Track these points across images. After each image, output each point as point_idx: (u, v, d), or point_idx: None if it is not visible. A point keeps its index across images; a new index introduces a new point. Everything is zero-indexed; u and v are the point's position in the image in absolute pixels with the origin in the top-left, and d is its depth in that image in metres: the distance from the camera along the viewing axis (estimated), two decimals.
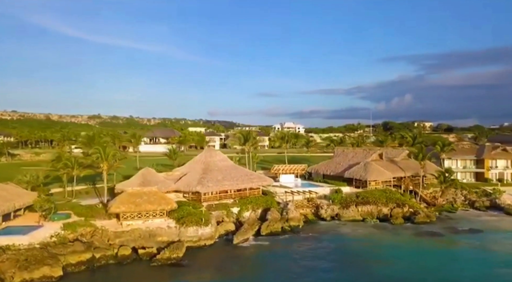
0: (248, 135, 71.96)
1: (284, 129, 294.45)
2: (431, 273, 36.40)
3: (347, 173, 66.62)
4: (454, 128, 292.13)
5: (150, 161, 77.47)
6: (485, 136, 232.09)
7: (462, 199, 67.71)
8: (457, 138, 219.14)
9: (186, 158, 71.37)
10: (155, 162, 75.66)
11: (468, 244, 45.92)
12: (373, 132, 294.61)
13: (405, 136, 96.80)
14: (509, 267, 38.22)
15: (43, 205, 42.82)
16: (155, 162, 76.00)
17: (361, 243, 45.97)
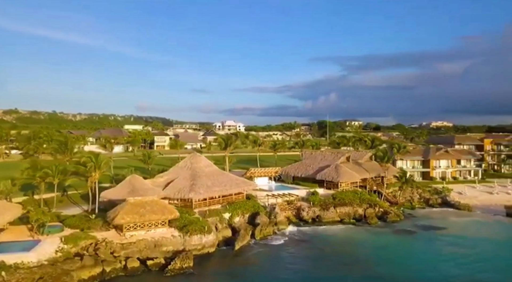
0: (229, 140, 72.80)
1: (225, 127, 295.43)
2: (425, 270, 40.84)
3: (319, 175, 70.43)
4: (381, 126, 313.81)
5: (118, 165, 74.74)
6: (407, 134, 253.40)
7: (418, 197, 75.10)
8: (388, 137, 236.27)
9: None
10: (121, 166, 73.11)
11: (441, 240, 51.48)
12: (309, 131, 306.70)
13: (363, 139, 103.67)
14: (489, 260, 43.90)
15: (40, 218, 40.50)
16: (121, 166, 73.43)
17: (353, 245, 49.33)
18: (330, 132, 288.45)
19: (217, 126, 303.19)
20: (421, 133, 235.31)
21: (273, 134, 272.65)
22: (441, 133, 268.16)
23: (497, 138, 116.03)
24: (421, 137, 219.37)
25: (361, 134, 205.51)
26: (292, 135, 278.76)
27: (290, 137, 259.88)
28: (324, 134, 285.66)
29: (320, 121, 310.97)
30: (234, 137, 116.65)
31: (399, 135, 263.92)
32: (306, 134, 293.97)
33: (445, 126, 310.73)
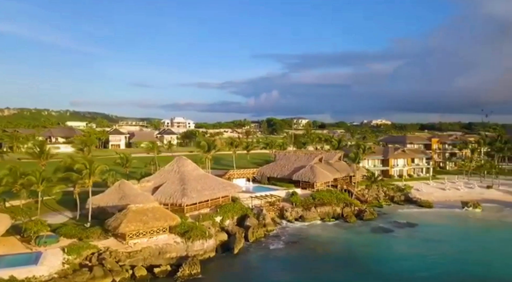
0: (212, 144, 72.73)
1: (174, 124, 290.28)
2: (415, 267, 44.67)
3: (296, 176, 73.00)
4: (327, 124, 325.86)
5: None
6: (353, 132, 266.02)
7: (383, 195, 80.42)
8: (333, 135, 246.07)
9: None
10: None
11: (417, 237, 55.82)
12: (259, 128, 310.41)
13: (329, 140, 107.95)
14: (465, 253, 48.66)
15: (40, 229, 38.69)
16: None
17: (341, 244, 51.91)
18: (279, 130, 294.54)
19: (166, 123, 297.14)
20: (365, 131, 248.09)
21: (224, 131, 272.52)
22: (381, 130, 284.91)
23: (442, 138, 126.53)
24: (367, 135, 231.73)
25: (315, 133, 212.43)
26: (242, 133, 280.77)
27: (245, 135, 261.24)
28: (274, 131, 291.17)
29: (269, 119, 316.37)
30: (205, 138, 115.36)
31: (344, 133, 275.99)
32: (256, 131, 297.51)
33: (384, 124, 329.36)
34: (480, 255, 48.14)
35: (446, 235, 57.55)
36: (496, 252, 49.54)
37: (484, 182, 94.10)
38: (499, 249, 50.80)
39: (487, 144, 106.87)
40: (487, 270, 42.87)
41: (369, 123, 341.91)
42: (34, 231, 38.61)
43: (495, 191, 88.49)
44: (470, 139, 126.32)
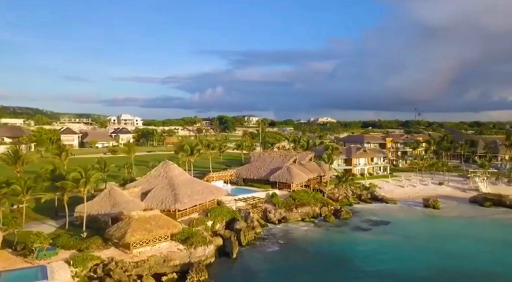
0: (195, 147, 71.85)
1: (121, 121, 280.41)
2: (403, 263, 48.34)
3: (273, 177, 74.84)
4: (276, 122, 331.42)
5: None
6: (301, 129, 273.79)
7: (351, 194, 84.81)
8: (283, 132, 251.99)
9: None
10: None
11: (394, 234, 59.84)
12: (210, 126, 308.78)
13: (297, 140, 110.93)
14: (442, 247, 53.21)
15: (43, 243, 37.02)
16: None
17: (330, 244, 54.45)
18: (231, 127, 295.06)
19: (112, 120, 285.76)
20: (315, 129, 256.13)
21: (175, 128, 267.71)
22: (327, 128, 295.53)
23: (395, 137, 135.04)
24: (316, 133, 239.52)
25: (269, 131, 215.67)
26: (193, 130, 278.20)
27: (197, 133, 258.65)
28: (226, 129, 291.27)
29: (220, 116, 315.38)
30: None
31: (294, 131, 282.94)
32: (208, 129, 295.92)
33: (330, 122, 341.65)
34: (454, 248, 53.16)
35: (419, 231, 62.73)
36: (467, 246, 54.91)
37: (436, 179, 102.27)
38: (469, 243, 56.22)
39: (436, 144, 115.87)
40: (465, 262, 47.59)
41: (315, 121, 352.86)
42: (37, 245, 36.80)
43: (446, 187, 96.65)
44: (418, 139, 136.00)
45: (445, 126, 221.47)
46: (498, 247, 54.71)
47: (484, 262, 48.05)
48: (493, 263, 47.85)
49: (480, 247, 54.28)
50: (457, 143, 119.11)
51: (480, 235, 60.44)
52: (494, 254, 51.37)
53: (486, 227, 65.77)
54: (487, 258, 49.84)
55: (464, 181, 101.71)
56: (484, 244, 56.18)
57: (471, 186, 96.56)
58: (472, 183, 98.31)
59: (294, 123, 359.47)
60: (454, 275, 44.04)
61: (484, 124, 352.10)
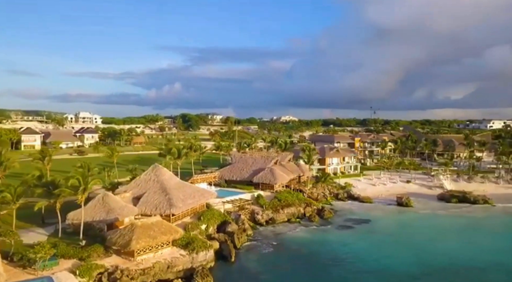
0: (181, 150, 70.78)
1: (79, 119, 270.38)
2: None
3: (256, 178, 75.77)
4: (241, 120, 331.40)
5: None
6: (265, 128, 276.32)
7: (328, 193, 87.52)
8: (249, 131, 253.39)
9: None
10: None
11: (377, 232, 62.67)
12: (173, 124, 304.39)
13: (277, 142, 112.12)
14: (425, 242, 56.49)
15: (47, 253, 35.85)
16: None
17: (320, 244, 55.99)
18: (194, 125, 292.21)
19: (70, 118, 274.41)
20: (280, 128, 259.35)
21: (136, 127, 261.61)
22: (290, 126, 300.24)
23: (363, 137, 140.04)
24: (281, 132, 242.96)
25: (236, 130, 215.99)
26: (156, 129, 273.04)
27: (159, 131, 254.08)
28: (189, 127, 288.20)
29: (183, 114, 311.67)
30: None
31: (258, 129, 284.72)
32: (171, 127, 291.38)
33: (292, 120, 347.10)
34: (435, 245, 56.64)
35: (398, 229, 66.03)
36: (446, 242, 58.72)
37: (403, 177, 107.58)
38: (447, 240, 60.08)
39: (402, 143, 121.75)
40: (447, 258, 50.86)
41: (278, 119, 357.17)
42: (40, 255, 35.57)
43: (413, 185, 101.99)
44: (384, 138, 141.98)
45: (404, 125, 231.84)
46: (474, 242, 58.85)
47: (463, 257, 51.58)
48: (471, 258, 51.45)
49: (458, 243, 58.23)
50: (421, 142, 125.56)
51: (455, 231, 64.90)
52: (471, 249, 55.30)
53: (458, 223, 70.34)
54: (465, 252, 53.54)
55: (428, 178, 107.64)
56: (460, 239, 60.29)
57: (436, 183, 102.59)
58: (437, 180, 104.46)
59: (257, 121, 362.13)
60: (442, 271, 46.81)
61: (434, 122, 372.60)
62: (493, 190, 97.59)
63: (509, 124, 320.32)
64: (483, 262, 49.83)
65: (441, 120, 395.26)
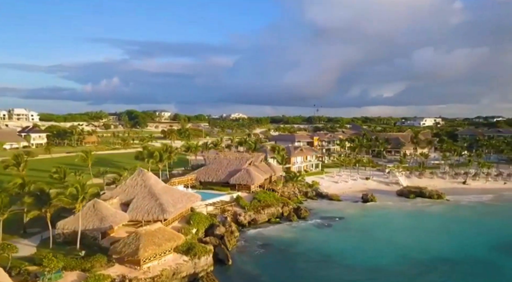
0: (163, 154, 68.78)
1: (13, 116, 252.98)
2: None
3: (233, 179, 76.38)
4: (190, 117, 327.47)
5: None
6: (216, 126, 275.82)
7: (298, 191, 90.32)
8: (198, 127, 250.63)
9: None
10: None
11: (353, 229, 66.28)
12: (118, 121, 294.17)
13: (245, 142, 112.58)
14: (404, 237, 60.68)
15: (56, 266, 34.41)
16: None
17: (307, 243, 58.13)
18: (142, 123, 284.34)
19: (2, 115, 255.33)
20: (233, 125, 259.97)
21: (79, 124, 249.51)
22: (241, 123, 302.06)
23: (321, 136, 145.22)
24: (234, 129, 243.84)
25: (191, 128, 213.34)
26: (100, 126, 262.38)
27: (104, 128, 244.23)
28: (136, 125, 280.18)
29: (129, 111, 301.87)
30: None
31: (207, 126, 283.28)
32: (116, 124, 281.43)
33: (242, 117, 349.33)
34: (408, 239, 61.40)
35: (371, 225, 69.70)
36: (417, 235, 63.66)
37: (361, 174, 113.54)
38: (417, 233, 65.01)
39: (359, 142, 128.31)
40: (422, 251, 55.32)
41: (228, 116, 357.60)
42: (49, 269, 34.04)
43: (372, 182, 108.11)
44: (340, 137, 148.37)
45: (352, 124, 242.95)
46: (443, 235, 64.40)
47: (437, 249, 56.30)
48: (445, 250, 56.25)
49: (429, 236, 63.29)
50: (378, 141, 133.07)
51: (423, 225, 70.20)
52: (442, 242, 60.50)
53: (424, 217, 76.39)
54: (438, 245, 58.55)
55: (384, 175, 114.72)
56: (430, 233, 65.49)
57: (392, 180, 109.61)
58: (392, 177, 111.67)
59: (206, 118, 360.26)
60: (420, 264, 50.72)
61: (372, 119, 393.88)
62: (441, 185, 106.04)
63: (439, 122, 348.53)
64: (456, 254, 54.77)
65: (380, 118, 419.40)
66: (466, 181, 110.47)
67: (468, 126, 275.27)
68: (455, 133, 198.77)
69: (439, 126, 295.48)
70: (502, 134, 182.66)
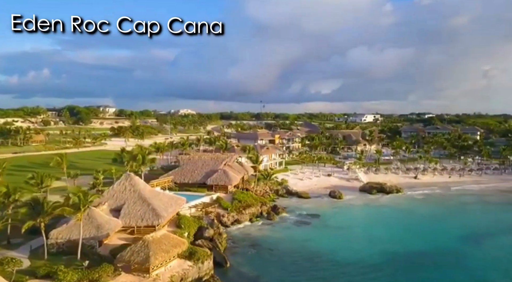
0: (146, 156, 66.17)
1: None
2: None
3: (210, 180, 76.28)
4: (135, 113, 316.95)
5: None
6: (164, 121, 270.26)
7: (268, 190, 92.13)
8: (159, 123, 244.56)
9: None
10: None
11: (331, 226, 69.09)
12: (58, 117, 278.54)
13: (213, 141, 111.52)
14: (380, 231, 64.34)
15: (72, 279, 33.17)
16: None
17: (293, 242, 59.59)
18: (85, 119, 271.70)
19: None
20: (185, 122, 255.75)
21: (13, 121, 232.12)
22: (192, 120, 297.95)
23: (281, 134, 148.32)
24: (186, 126, 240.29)
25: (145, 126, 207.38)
26: (37, 123, 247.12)
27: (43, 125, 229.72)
28: (79, 121, 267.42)
29: (70, 107, 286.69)
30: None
31: (155, 122, 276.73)
32: (57, 121, 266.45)
33: (191, 113, 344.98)
34: (384, 234, 65.42)
35: (346, 221, 73.21)
36: (391, 229, 68.10)
37: (322, 171, 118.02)
38: (390, 227, 69.45)
39: (319, 139, 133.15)
40: (398, 245, 59.41)
41: (176, 112, 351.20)
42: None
43: (334, 178, 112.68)
44: (298, 134, 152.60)
45: (304, 121, 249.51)
46: (411, 227, 69.47)
47: (412, 243, 60.70)
48: (416, 242, 60.97)
49: (401, 230, 67.89)
50: (336, 139, 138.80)
51: (393, 219, 75.00)
52: (413, 235, 65.29)
53: (391, 211, 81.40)
54: (411, 238, 63.10)
55: (343, 171, 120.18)
56: (402, 226, 70.18)
57: (351, 176, 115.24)
58: (352, 173, 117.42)
59: (152, 113, 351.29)
60: (400, 257, 54.25)
61: (316, 115, 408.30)
62: (396, 180, 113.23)
63: (378, 118, 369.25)
64: (429, 245, 59.48)
65: (323, 114, 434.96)
66: (417, 176, 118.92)
67: (404, 122, 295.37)
68: (398, 130, 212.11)
69: (379, 122, 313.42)
70: (440, 131, 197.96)
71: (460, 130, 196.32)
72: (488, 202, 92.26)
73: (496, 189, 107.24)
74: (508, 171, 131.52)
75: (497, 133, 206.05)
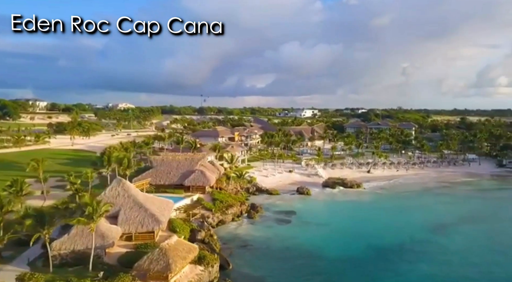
0: (124, 158, 62.57)
1: None
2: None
3: (187, 181, 75.40)
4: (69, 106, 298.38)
5: None
6: (103, 116, 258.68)
7: (239, 188, 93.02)
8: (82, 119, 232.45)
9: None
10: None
11: (311, 222, 71.99)
12: None
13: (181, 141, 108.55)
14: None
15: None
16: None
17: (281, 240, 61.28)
18: (13, 114, 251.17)
19: None
20: (128, 117, 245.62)
21: None
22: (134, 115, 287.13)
23: (240, 131, 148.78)
24: (130, 122, 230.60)
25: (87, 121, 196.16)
26: None
27: None
28: (7, 116, 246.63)
29: None
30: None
31: (93, 117, 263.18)
32: None
33: (130, 108, 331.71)
34: (360, 228, 69.39)
35: (322, 217, 76.86)
36: (365, 222, 72.48)
37: (283, 167, 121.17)
38: (365, 221, 73.79)
39: (279, 137, 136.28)
40: (376, 238, 63.55)
41: (115, 106, 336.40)
42: None
43: (295, 174, 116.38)
44: (255, 131, 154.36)
45: (256, 118, 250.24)
46: (382, 220, 74.59)
47: (389, 234, 65.33)
48: (391, 234, 65.68)
49: (377, 223, 72.36)
50: (291, 135, 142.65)
51: (364, 213, 79.70)
52: (386, 227, 70.12)
53: (360, 205, 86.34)
54: (385, 231, 67.83)
55: (302, 168, 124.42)
56: (374, 220, 74.77)
57: (311, 172, 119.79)
58: (311, 169, 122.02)
59: (86, 107, 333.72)
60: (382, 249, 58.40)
61: (258, 110, 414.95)
62: (352, 175, 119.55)
63: (316, 113, 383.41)
64: (403, 236, 64.50)
65: (264, 109, 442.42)
66: (370, 170, 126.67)
67: (341, 117, 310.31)
68: (342, 126, 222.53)
69: (317, 117, 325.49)
70: (381, 126, 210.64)
71: (398, 126, 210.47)
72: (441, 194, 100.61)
73: (441, 180, 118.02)
74: (444, 164, 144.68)
75: (426, 128, 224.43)
